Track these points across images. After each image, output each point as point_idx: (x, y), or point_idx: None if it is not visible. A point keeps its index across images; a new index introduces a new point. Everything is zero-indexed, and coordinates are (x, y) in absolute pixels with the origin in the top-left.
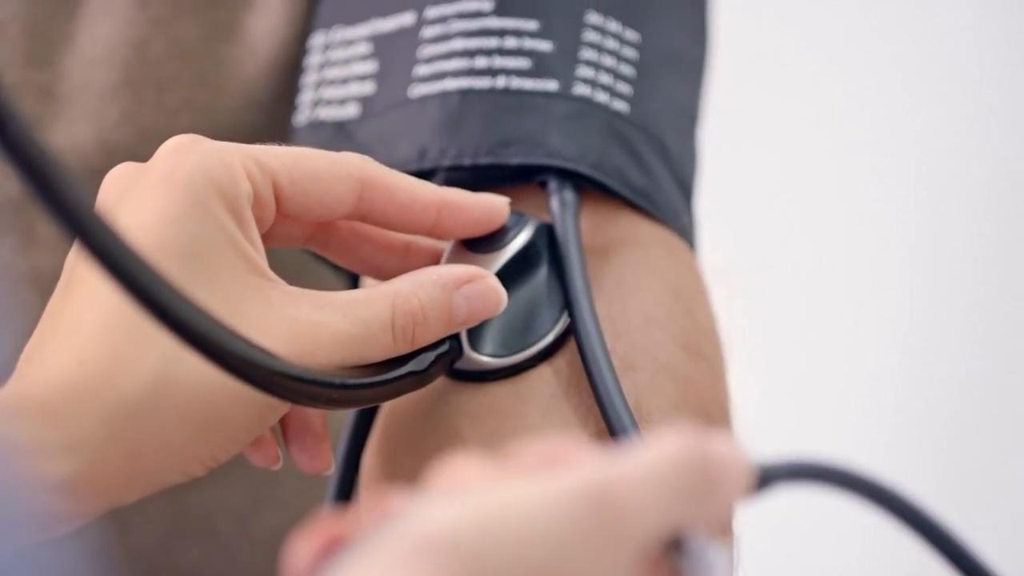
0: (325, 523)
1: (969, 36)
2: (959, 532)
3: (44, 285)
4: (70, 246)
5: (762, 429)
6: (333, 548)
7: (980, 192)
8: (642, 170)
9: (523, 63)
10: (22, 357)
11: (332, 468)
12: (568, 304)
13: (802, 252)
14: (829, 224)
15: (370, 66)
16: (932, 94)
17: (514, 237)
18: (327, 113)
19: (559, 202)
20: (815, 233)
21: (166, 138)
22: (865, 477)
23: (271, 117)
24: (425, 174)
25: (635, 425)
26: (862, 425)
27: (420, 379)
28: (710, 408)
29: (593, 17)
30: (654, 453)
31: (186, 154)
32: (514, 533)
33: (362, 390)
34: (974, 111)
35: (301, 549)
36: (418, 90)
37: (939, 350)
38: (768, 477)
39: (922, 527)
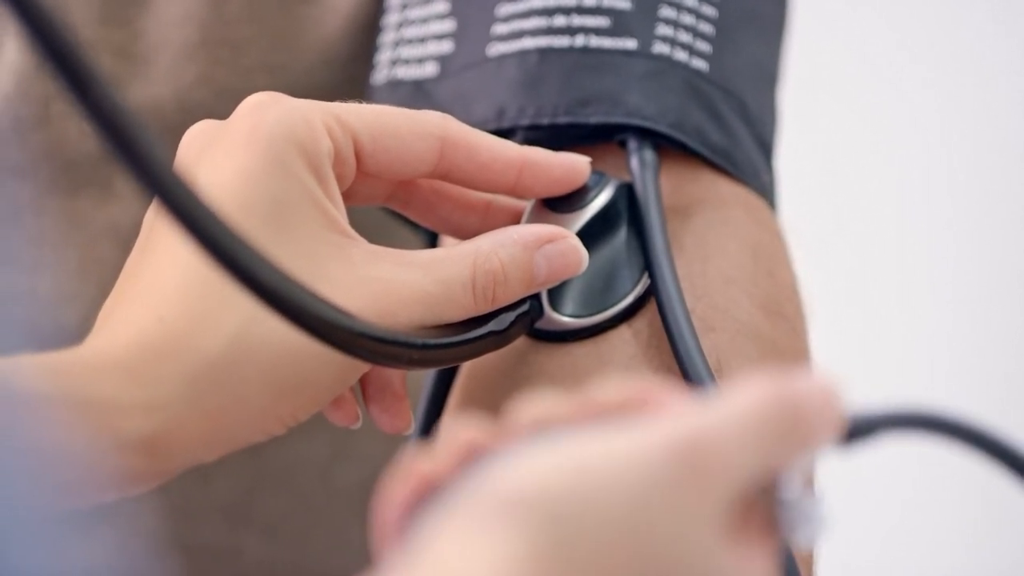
0: (412, 468)
1: None
2: None
3: (122, 238)
4: (149, 202)
5: (864, 399)
6: (422, 495)
7: None
8: (722, 129)
9: (602, 21)
10: (100, 315)
11: (412, 428)
12: (648, 264)
13: (882, 212)
14: (909, 184)
15: (448, 25)
16: (1010, 64)
17: (595, 197)
18: (405, 72)
19: (639, 161)
20: (895, 193)
21: (243, 98)
22: (975, 425)
23: (348, 76)
24: (503, 133)
25: (716, 386)
26: (942, 384)
27: (500, 339)
28: (791, 368)
29: None
30: (740, 398)
31: (267, 111)
32: (602, 486)
33: (443, 350)
34: None
35: (390, 499)
36: (496, 49)
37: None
38: (870, 426)
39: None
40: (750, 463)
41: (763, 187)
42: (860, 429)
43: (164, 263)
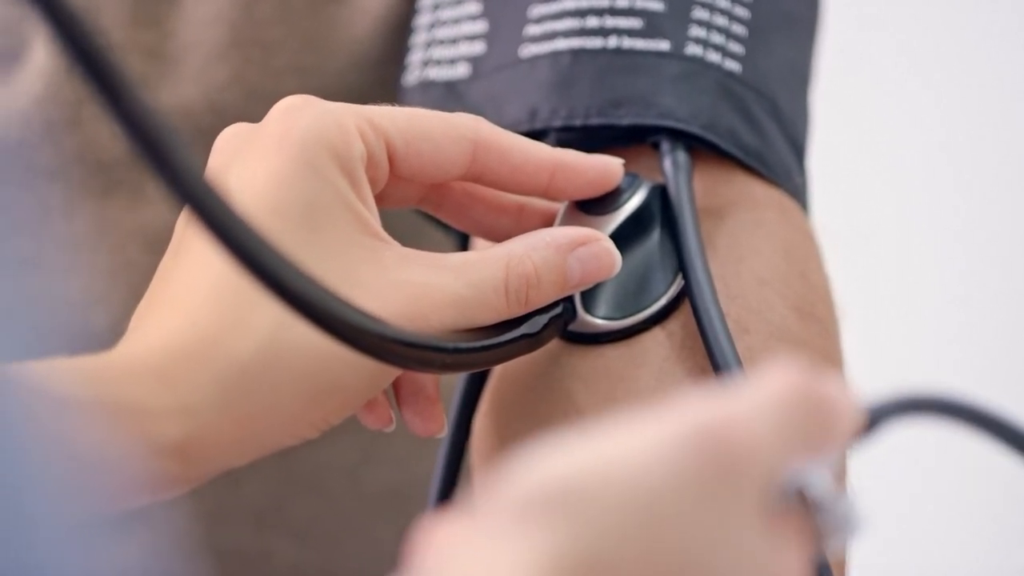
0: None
1: None
2: None
3: (152, 243)
4: (179, 208)
5: (874, 391)
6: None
7: None
8: (754, 130)
9: (635, 23)
10: (133, 320)
11: (445, 430)
12: (682, 266)
13: (914, 213)
14: (943, 186)
15: (480, 26)
16: None
17: (628, 199)
18: (437, 73)
19: (672, 163)
20: (929, 195)
21: (274, 99)
22: (975, 405)
23: (379, 78)
24: (536, 134)
25: None
26: (977, 388)
27: (533, 342)
28: (824, 370)
29: None
30: (762, 388)
31: (299, 115)
32: (627, 479)
33: (475, 354)
34: None
35: (422, 542)
36: (529, 50)
37: None
38: (877, 416)
39: None
40: (777, 449)
41: (795, 189)
42: (870, 419)
43: (196, 267)
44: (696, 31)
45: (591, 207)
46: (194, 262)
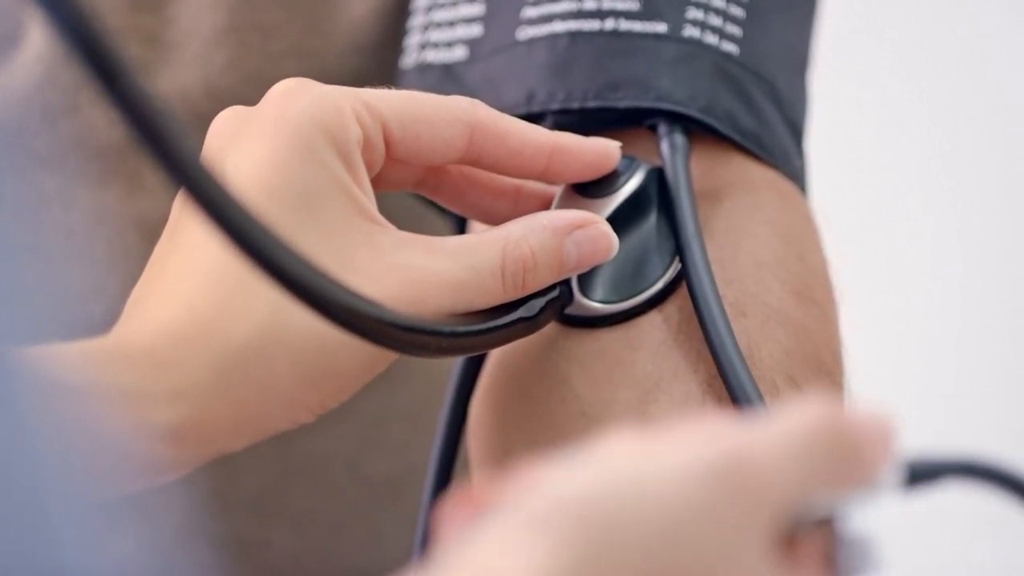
0: (476, 491)
1: None
2: None
3: (150, 232)
4: (176, 192)
5: (873, 375)
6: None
7: None
8: (752, 113)
9: (632, 5)
10: (128, 303)
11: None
12: (679, 249)
13: (914, 196)
14: (941, 169)
15: (477, 8)
16: None
17: (626, 182)
18: (434, 56)
19: (669, 146)
20: (927, 178)
21: (272, 84)
22: None
23: (378, 61)
24: (533, 117)
25: (747, 372)
26: (975, 371)
27: (530, 325)
28: (822, 354)
29: None
30: (790, 420)
31: (295, 98)
32: (643, 501)
33: (472, 337)
34: None
35: (449, 514)
36: (526, 32)
37: None
38: (933, 471)
39: None
40: (797, 482)
41: (794, 171)
42: (923, 473)
43: (192, 251)
44: (693, 13)
45: (588, 190)
46: (190, 245)
